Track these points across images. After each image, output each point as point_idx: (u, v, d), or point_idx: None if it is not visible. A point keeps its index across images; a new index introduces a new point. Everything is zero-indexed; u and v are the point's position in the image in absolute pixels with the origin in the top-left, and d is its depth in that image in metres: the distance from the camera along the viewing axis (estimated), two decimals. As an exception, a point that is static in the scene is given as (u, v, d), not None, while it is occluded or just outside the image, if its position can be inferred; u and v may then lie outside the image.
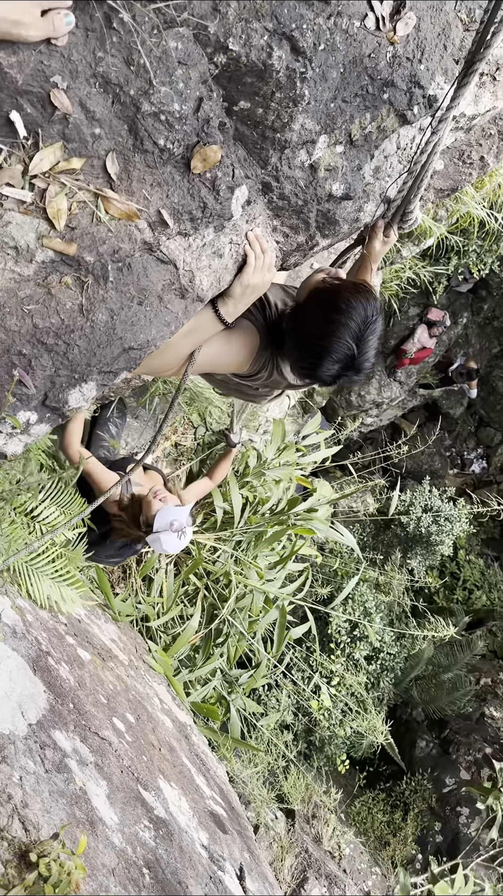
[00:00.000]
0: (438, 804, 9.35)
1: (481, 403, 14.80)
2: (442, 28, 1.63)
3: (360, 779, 9.40)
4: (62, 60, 1.10)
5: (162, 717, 3.40)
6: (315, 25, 1.36)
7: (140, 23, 1.11)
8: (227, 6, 1.20)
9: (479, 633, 11.66)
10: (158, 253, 1.33)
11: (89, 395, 1.34)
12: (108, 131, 1.18)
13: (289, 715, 6.22)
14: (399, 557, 10.50)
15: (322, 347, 1.68)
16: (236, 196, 1.39)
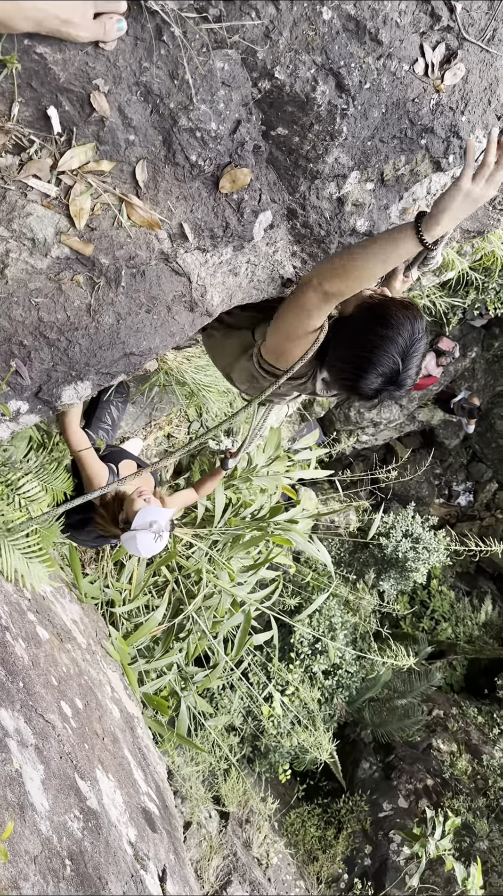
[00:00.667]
0: (372, 827, 9.38)
1: (477, 438, 14.87)
2: (489, 83, 1.64)
3: (299, 790, 9.45)
4: (107, 64, 1.10)
5: (111, 705, 3.41)
6: (364, 64, 1.37)
7: (190, 39, 1.11)
8: (278, 35, 1.20)
9: (439, 665, 11.72)
10: (174, 264, 1.33)
11: (83, 392, 1.35)
12: (142, 139, 1.18)
13: (238, 718, 6.24)
14: (372, 578, 10.54)
15: (367, 360, 1.70)
16: (260, 220, 1.40)
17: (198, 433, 5.04)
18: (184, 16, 1.08)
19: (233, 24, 1.16)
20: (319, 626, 7.78)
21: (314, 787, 9.87)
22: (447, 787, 9.63)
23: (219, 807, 6.44)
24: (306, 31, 1.24)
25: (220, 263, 1.42)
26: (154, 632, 4.89)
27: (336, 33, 1.28)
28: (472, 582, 15.18)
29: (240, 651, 5.19)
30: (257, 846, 7.38)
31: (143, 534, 2.93)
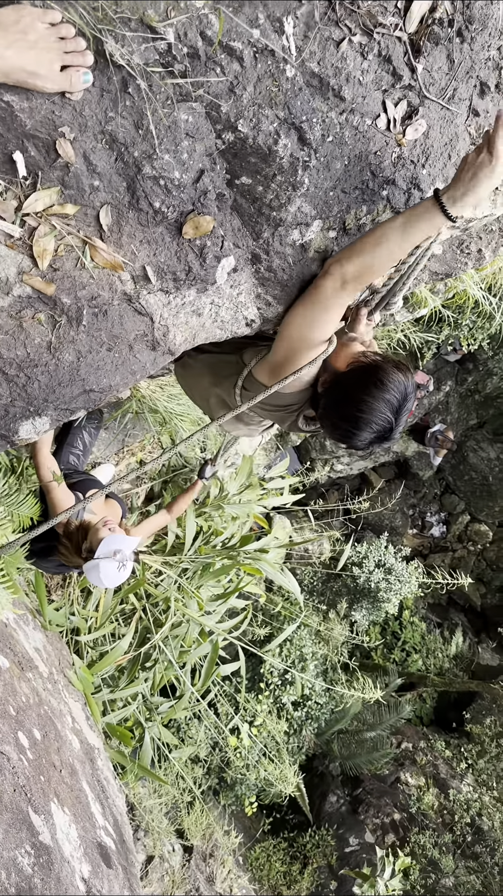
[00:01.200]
0: (338, 863, 9.27)
1: (450, 471, 15.03)
2: (449, 138, 1.71)
3: (265, 824, 9.32)
4: (73, 113, 1.14)
5: (71, 736, 3.36)
6: (327, 119, 1.42)
7: (155, 92, 1.15)
8: (242, 90, 1.25)
9: (409, 697, 11.70)
10: (137, 305, 1.36)
11: (41, 428, 1.36)
12: (106, 185, 1.22)
13: (204, 749, 6.16)
14: (344, 608, 10.54)
15: (362, 419, 1.77)
16: (222, 265, 1.43)
17: (170, 462, 5.05)
18: (149, 70, 1.12)
19: (197, 80, 1.20)
20: (289, 657, 7.74)
21: (281, 820, 9.76)
22: (414, 822, 9.57)
23: (182, 840, 6.33)
24: (270, 87, 1.29)
25: (182, 304, 1.45)
26: (119, 661, 4.84)
27: (299, 89, 1.33)
28: (444, 614, 15.25)
29: (206, 682, 5.15)
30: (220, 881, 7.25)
31: (106, 562, 2.91)
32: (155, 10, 1.11)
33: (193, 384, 2.60)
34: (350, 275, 1.60)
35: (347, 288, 1.63)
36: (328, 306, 1.69)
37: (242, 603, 5.61)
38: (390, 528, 14.11)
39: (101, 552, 2.92)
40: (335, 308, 1.69)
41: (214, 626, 5.11)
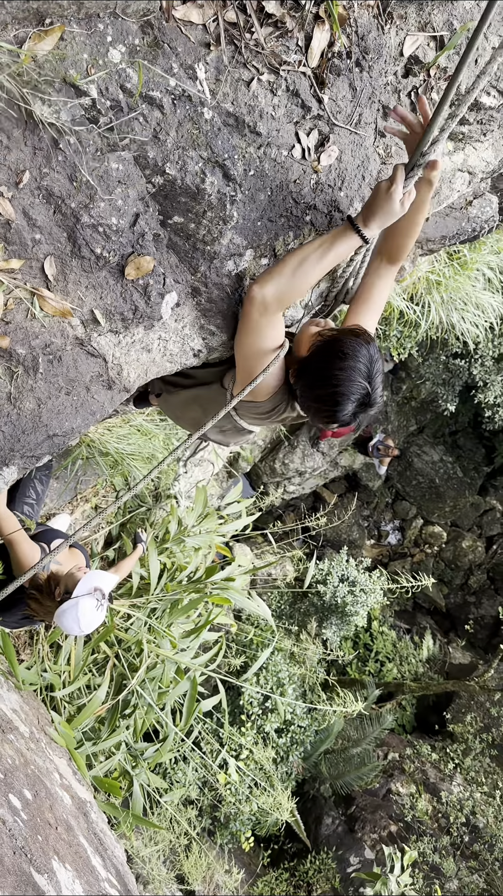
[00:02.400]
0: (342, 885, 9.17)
1: (398, 478, 15.33)
2: (361, 160, 1.82)
3: (265, 857, 9.17)
4: (9, 173, 1.19)
5: (61, 793, 3.29)
6: (247, 154, 1.51)
7: (85, 145, 1.22)
8: (166, 135, 1.32)
9: (389, 707, 11.75)
10: (89, 347, 1.41)
11: (10, 478, 1.39)
12: (47, 237, 1.27)
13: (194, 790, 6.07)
14: (314, 627, 10.56)
15: (339, 393, 1.79)
16: (166, 301, 1.50)
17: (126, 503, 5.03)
18: (76, 129, 1.19)
19: (123, 130, 1.27)
20: (267, 684, 7.71)
21: (279, 850, 9.62)
22: (411, 831, 9.56)
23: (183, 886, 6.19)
24: (191, 130, 1.37)
25: (132, 343, 1.50)
26: (98, 711, 4.75)
27: (218, 129, 1.41)
28: (411, 619, 15.41)
29: (188, 720, 5.09)
30: (227, 923, 7.09)
31: (85, 599, 2.86)
32: (76, 70, 1.18)
33: (181, 415, 2.62)
34: (270, 298, 1.68)
35: (271, 310, 1.71)
36: (260, 329, 1.75)
37: (215, 635, 5.59)
38: (348, 541, 14.26)
39: (81, 589, 2.87)
40: (267, 327, 1.76)
41: (190, 662, 5.07)
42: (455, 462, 15.11)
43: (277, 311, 1.70)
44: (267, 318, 1.69)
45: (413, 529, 15.78)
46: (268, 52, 1.50)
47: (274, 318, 1.71)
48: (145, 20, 1.27)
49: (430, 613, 15.74)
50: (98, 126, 1.24)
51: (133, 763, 5.07)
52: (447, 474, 15.20)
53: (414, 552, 16.04)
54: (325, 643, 10.79)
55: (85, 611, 2.89)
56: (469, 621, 15.00)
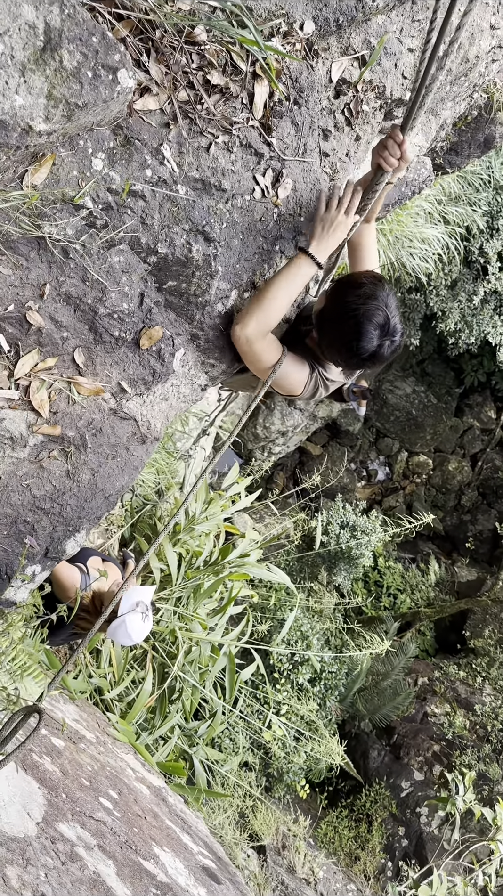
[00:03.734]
0: (399, 810, 9.71)
1: (376, 417, 15.62)
2: (313, 183, 2.01)
3: (322, 800, 9.64)
4: (33, 289, 1.37)
5: (138, 786, 3.57)
6: (218, 211, 1.69)
7: (89, 249, 1.40)
8: (152, 219, 1.51)
9: (409, 636, 12.22)
10: (121, 413, 1.61)
11: (81, 540, 1.59)
12: (73, 333, 1.45)
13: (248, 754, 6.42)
14: (325, 576, 10.92)
15: (359, 320, 1.92)
16: (177, 357, 1.69)
17: (132, 504, 5.24)
18: (80, 239, 1.37)
19: (116, 225, 1.45)
20: (292, 640, 8.05)
21: (334, 791, 10.11)
22: (453, 747, 10.08)
23: (253, 842, 6.58)
24: (171, 208, 1.55)
25: (154, 398, 1.70)
26: (148, 703, 5.03)
27: (193, 202, 1.59)
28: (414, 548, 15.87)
29: (233, 692, 5.40)
30: (300, 867, 7.54)
31: (131, 616, 3.08)
32: (70, 187, 1.35)
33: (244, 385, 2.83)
34: (251, 334, 1.87)
35: (255, 340, 1.90)
36: (255, 355, 1.95)
37: (239, 608, 5.87)
38: (340, 488, 14.59)
39: (124, 608, 3.08)
40: (260, 352, 1.96)
41: (222, 639, 5.36)
42: (427, 390, 15.41)
43: (262, 339, 1.90)
44: (257, 346, 1.89)
45: (399, 463, 16.14)
46: (219, 116, 1.68)
47: (261, 343, 1.91)
48: (115, 124, 1.44)
49: (431, 539, 16.20)
50: (96, 229, 1.41)
51: (189, 742, 5.38)
52: (422, 403, 15.52)
53: (404, 484, 16.42)
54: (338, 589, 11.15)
55: (133, 625, 3.12)
56: (468, 539, 15.49)
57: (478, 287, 9.97)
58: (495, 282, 9.83)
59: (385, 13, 2.00)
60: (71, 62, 1.17)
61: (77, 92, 1.19)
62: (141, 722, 5.12)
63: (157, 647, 5.27)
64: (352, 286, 1.97)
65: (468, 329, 10.50)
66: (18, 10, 1.07)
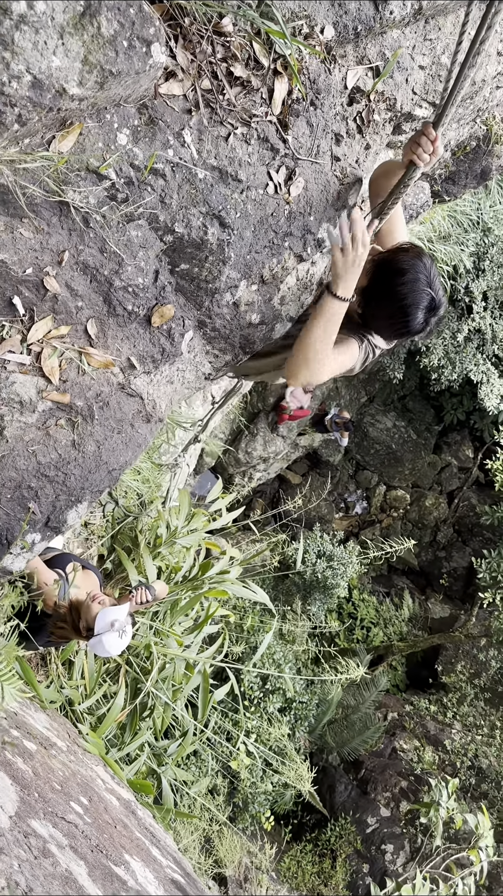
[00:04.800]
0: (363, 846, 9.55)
1: (356, 449, 15.72)
2: (324, 185, 2.05)
3: (286, 833, 9.46)
4: (51, 255, 1.38)
5: (108, 796, 3.49)
6: (233, 200, 1.72)
7: (108, 220, 1.41)
8: (170, 199, 1.53)
9: (381, 669, 12.16)
10: (129, 389, 1.61)
11: (83, 512, 1.58)
12: (88, 303, 1.46)
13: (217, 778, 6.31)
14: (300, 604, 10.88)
15: (407, 305, 2.00)
16: (185, 339, 1.71)
17: (114, 513, 5.20)
18: (101, 209, 1.39)
19: (135, 200, 1.47)
20: (264, 666, 7.97)
21: (299, 825, 9.93)
22: (421, 783, 9.99)
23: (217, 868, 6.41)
24: (189, 190, 1.58)
25: (160, 379, 1.71)
26: (119, 718, 4.94)
27: (211, 186, 1.62)
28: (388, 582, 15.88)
29: (205, 711, 5.32)
30: (262, 901, 7.36)
31: (107, 636, 3.06)
32: (95, 158, 1.38)
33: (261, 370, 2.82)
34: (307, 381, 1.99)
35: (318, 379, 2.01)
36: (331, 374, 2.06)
37: (215, 627, 5.81)
38: (318, 517, 14.61)
39: (100, 627, 3.05)
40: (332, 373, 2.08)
41: (197, 657, 5.30)
42: (408, 426, 15.58)
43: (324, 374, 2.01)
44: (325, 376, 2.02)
45: (377, 496, 16.22)
46: (239, 108, 1.72)
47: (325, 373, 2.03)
48: (141, 103, 1.47)
49: (405, 574, 16.24)
50: (117, 202, 1.43)
51: (157, 761, 5.27)
52: (402, 438, 15.66)
53: (381, 518, 16.49)
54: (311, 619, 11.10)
55: (110, 642, 3.10)
56: (443, 575, 15.54)
57: (462, 325, 10.16)
58: (479, 321, 10.03)
59: (400, 28, 2.08)
60: (108, 30, 1.20)
61: (112, 59, 1.22)
62: (110, 737, 5.01)
63: (130, 662, 5.19)
64: (397, 273, 2.03)
65: (451, 365, 10.66)
66: (62, -28, 1.11)
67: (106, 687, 5.04)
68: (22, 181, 1.26)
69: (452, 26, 2.24)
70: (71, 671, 4.99)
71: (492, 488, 12.49)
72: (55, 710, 4.48)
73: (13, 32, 1.11)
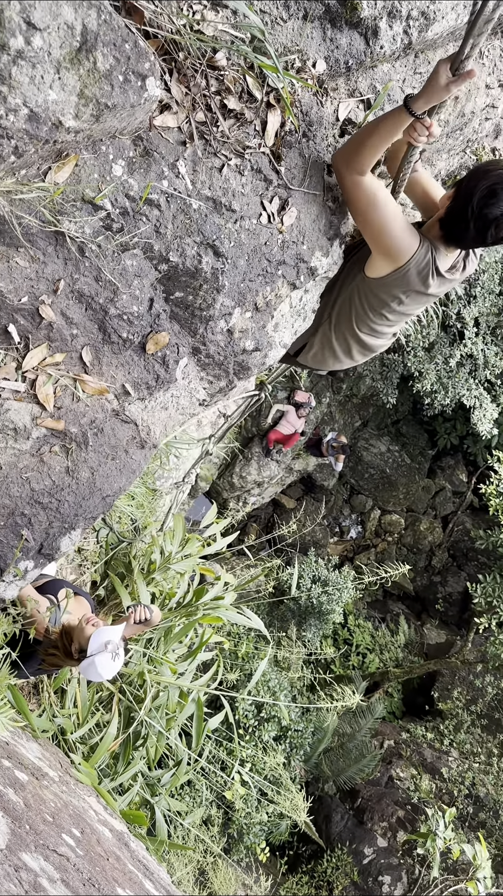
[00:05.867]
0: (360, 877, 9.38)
1: (351, 473, 15.73)
2: (316, 215, 2.08)
3: (282, 865, 9.30)
4: (47, 283, 1.39)
5: (100, 828, 3.43)
6: (227, 230, 1.75)
7: (104, 250, 1.43)
8: (165, 228, 1.55)
9: (377, 696, 12.05)
10: (123, 416, 1.62)
11: (76, 539, 1.58)
12: (83, 331, 1.47)
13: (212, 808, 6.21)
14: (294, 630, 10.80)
15: (492, 191, 2.01)
16: (180, 366, 1.72)
17: (108, 539, 5.17)
18: (97, 239, 1.40)
19: (131, 230, 1.49)
20: (259, 693, 7.89)
21: (295, 856, 9.77)
22: (418, 811, 9.84)
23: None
24: (184, 220, 1.60)
25: (155, 405, 1.71)
26: (111, 747, 4.87)
27: (205, 216, 1.65)
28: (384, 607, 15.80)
29: (199, 740, 5.25)
30: (258, 935, 7.21)
31: (100, 657, 3.02)
32: (91, 189, 1.39)
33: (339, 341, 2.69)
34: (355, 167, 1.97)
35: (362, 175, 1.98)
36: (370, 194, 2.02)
37: (209, 654, 5.76)
38: (313, 542, 14.57)
39: (93, 648, 3.02)
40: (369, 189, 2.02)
41: (191, 685, 5.24)
42: (401, 450, 15.62)
43: (366, 176, 1.99)
44: (364, 183, 1.98)
45: (372, 521, 16.20)
46: (233, 140, 1.75)
47: (367, 178, 2.00)
48: (136, 135, 1.50)
49: (401, 599, 16.16)
50: (112, 231, 1.45)
51: (151, 791, 5.19)
52: (396, 463, 15.69)
53: (376, 542, 16.45)
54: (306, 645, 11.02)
55: (102, 664, 3.06)
56: (438, 601, 15.47)
57: (454, 350, 10.24)
58: (471, 346, 10.12)
59: (390, 62, 2.12)
60: (104, 64, 1.23)
61: (108, 93, 1.25)
62: (103, 767, 4.94)
63: (124, 690, 5.13)
64: (476, 175, 2.07)
65: (443, 390, 10.73)
66: (59, 9, 1.13)
67: (99, 716, 4.97)
68: (18, 211, 1.28)
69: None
70: (63, 700, 4.93)
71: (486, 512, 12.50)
72: (47, 739, 4.42)
73: (10, 67, 1.13)
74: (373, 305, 2.34)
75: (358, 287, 2.35)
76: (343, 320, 2.48)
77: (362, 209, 2.09)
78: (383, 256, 2.18)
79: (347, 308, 2.43)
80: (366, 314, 2.39)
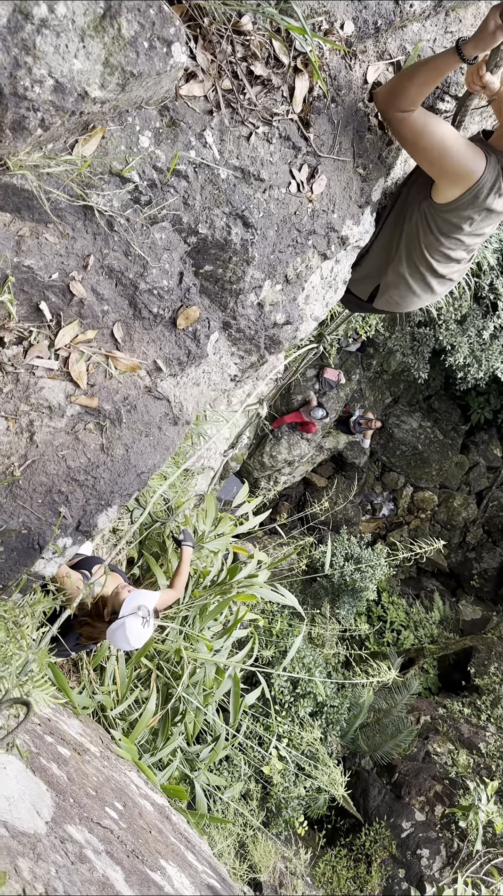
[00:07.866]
0: (399, 850, 9.43)
1: (382, 451, 15.61)
2: (346, 183, 2.03)
3: (320, 838, 9.39)
4: (77, 259, 1.38)
5: (142, 801, 3.48)
6: (255, 199, 1.71)
7: (132, 223, 1.41)
8: (193, 200, 1.52)
9: (413, 673, 12.04)
10: (156, 392, 1.61)
11: (113, 516, 1.58)
12: (113, 307, 1.46)
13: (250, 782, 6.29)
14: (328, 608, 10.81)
15: None
16: (211, 340, 1.70)
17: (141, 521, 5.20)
18: (125, 212, 1.38)
19: (159, 202, 1.47)
20: (294, 670, 7.93)
21: (332, 829, 9.86)
22: (456, 786, 9.85)
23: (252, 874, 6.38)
24: (212, 191, 1.57)
25: (187, 381, 1.70)
26: (151, 723, 4.94)
27: (233, 186, 1.61)
28: (418, 584, 15.73)
29: (237, 716, 5.29)
30: (298, 906, 7.31)
31: (131, 619, 3.04)
32: (118, 161, 1.37)
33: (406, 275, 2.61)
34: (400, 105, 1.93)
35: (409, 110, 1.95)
36: (420, 125, 1.97)
37: (244, 631, 5.79)
38: (345, 520, 14.54)
39: (126, 609, 3.05)
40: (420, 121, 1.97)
41: (227, 661, 5.28)
42: (434, 426, 15.44)
43: (413, 109, 1.96)
44: (413, 117, 1.95)
45: (404, 498, 16.09)
46: (260, 107, 1.71)
47: (414, 111, 1.96)
48: (162, 105, 1.47)
49: (435, 576, 16.08)
50: (140, 204, 1.43)
51: (190, 766, 5.26)
52: (428, 439, 15.51)
53: (409, 519, 16.35)
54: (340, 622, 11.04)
55: (132, 628, 3.08)
56: (473, 577, 15.36)
57: (487, 322, 10.05)
58: (505, 317, 9.91)
59: (420, 21, 2.05)
60: (129, 31, 1.20)
61: (133, 61, 1.22)
62: (143, 743, 5.01)
63: (161, 667, 5.19)
64: None
65: (477, 363, 10.55)
66: (82, -25, 1.11)
67: (137, 692, 5.04)
68: (46, 186, 1.27)
69: (473, 17, 2.21)
70: (102, 677, 5.00)
71: (521, 487, 12.31)
72: (87, 715, 4.50)
73: (35, 37, 1.11)
74: (444, 231, 2.26)
75: (425, 214, 2.27)
76: (414, 252, 2.39)
77: (411, 140, 2.03)
78: (450, 181, 2.10)
79: (416, 239, 2.35)
80: (439, 240, 2.29)
